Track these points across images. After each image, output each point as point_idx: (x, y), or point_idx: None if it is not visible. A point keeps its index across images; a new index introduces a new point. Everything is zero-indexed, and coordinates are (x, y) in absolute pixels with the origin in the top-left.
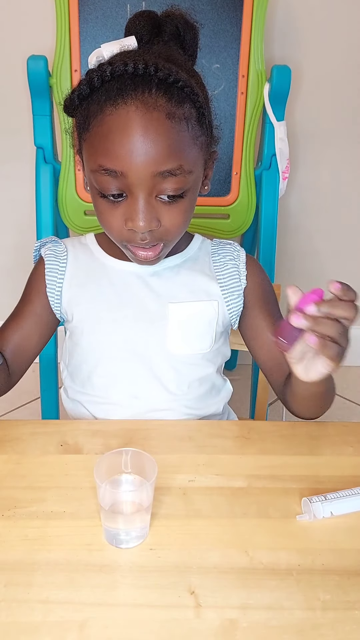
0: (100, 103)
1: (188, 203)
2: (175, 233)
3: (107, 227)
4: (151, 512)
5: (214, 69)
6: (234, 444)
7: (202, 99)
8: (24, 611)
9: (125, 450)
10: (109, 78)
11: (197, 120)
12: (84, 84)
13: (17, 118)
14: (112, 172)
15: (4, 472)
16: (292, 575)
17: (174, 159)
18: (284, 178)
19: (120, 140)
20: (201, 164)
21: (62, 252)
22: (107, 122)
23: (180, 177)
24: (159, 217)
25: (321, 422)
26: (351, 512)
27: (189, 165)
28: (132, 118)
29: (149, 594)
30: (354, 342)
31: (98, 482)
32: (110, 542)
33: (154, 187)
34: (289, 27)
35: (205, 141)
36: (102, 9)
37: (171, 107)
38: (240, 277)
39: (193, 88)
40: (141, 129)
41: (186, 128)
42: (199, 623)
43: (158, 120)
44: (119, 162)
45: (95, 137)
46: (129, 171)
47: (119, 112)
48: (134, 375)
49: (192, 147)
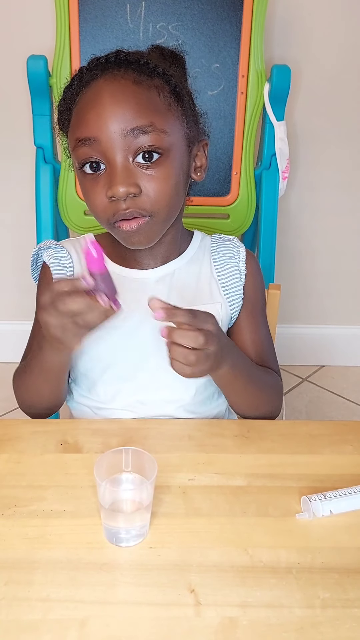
0: (77, 92)
1: (170, 170)
2: (160, 204)
3: (93, 207)
4: (151, 510)
5: (213, 68)
6: (233, 443)
7: (179, 81)
8: (25, 609)
9: (125, 449)
10: (84, 72)
11: (170, 92)
12: (66, 88)
13: (17, 118)
14: (86, 141)
15: (4, 471)
16: (292, 574)
17: (143, 116)
18: (284, 178)
19: (90, 109)
20: (181, 133)
21: (66, 258)
22: (81, 102)
23: (153, 135)
24: (139, 183)
25: (321, 421)
26: (350, 510)
27: (161, 125)
28: (100, 88)
29: (149, 592)
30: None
31: (98, 481)
32: (111, 540)
33: (129, 148)
34: (289, 27)
35: (184, 114)
36: (102, 9)
37: (139, 76)
38: (240, 276)
39: (166, 70)
40: (109, 94)
41: (156, 95)
42: (199, 621)
43: (125, 85)
44: (90, 128)
45: (74, 119)
46: (100, 134)
47: (90, 89)
48: (140, 382)
49: (166, 112)
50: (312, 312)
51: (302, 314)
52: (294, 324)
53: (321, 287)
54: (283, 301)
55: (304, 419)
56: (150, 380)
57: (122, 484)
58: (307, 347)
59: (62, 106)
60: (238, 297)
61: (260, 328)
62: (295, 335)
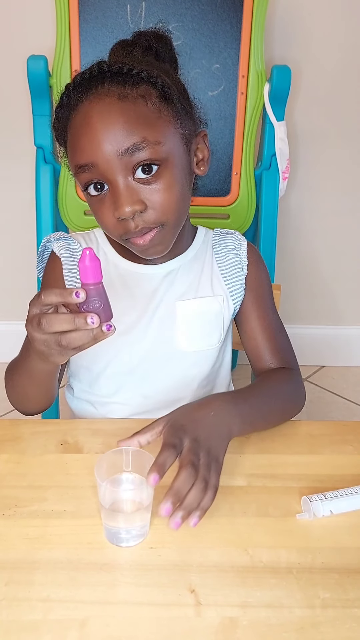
0: (68, 112)
1: (170, 179)
2: (168, 213)
3: (103, 226)
4: (151, 511)
5: (214, 69)
6: (233, 443)
7: (165, 81)
8: (25, 610)
9: (125, 449)
10: (71, 90)
11: (158, 96)
12: (57, 108)
13: (17, 118)
14: (85, 167)
15: (4, 472)
16: (292, 574)
17: (135, 133)
18: (284, 178)
19: (83, 135)
20: (176, 137)
21: (78, 251)
22: (73, 127)
23: (148, 149)
24: (143, 198)
25: (321, 421)
26: (351, 510)
27: (154, 137)
28: (88, 112)
29: (149, 592)
30: (354, 342)
31: (98, 481)
32: (111, 541)
33: (127, 168)
34: (289, 27)
35: (176, 115)
36: (102, 9)
37: (123, 89)
38: (242, 267)
39: (150, 72)
40: (97, 117)
41: (144, 103)
42: (199, 621)
43: (110, 104)
44: (86, 154)
45: (69, 142)
46: (97, 159)
47: (79, 113)
48: (143, 376)
49: (156, 120)
50: (312, 312)
51: (302, 314)
52: (294, 324)
53: (321, 287)
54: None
55: (304, 419)
56: (154, 374)
57: (122, 484)
58: (308, 347)
59: (57, 125)
60: (240, 287)
61: (268, 313)
62: (296, 335)
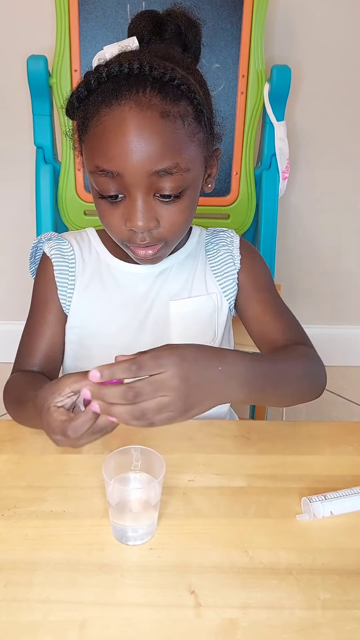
0: (97, 104)
1: (188, 202)
2: (176, 232)
3: (107, 227)
4: (159, 509)
5: (214, 68)
6: (233, 444)
7: (200, 96)
8: (24, 611)
9: (134, 447)
10: (104, 79)
11: (194, 117)
12: (82, 86)
13: (17, 118)
14: (108, 173)
15: (4, 472)
16: (292, 575)
17: (169, 157)
18: (284, 178)
19: (115, 141)
20: (200, 161)
21: (69, 251)
22: (103, 123)
23: (177, 176)
24: (158, 216)
25: (321, 422)
26: (351, 511)
27: (185, 163)
28: (126, 118)
29: (149, 593)
30: (354, 341)
31: (106, 479)
32: (119, 539)
33: (151, 187)
34: (289, 27)
35: (204, 138)
36: (102, 9)
37: (165, 105)
38: (234, 261)
39: (190, 85)
40: (135, 128)
41: (182, 125)
42: (199, 622)
43: (152, 119)
44: (114, 163)
45: (93, 138)
46: (124, 171)
47: (113, 112)
48: None
49: (189, 144)
50: (312, 312)
51: (302, 313)
52: None
53: (321, 287)
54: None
55: (304, 420)
56: None
57: (130, 482)
58: None
59: (78, 106)
60: (232, 283)
61: (269, 297)
62: None
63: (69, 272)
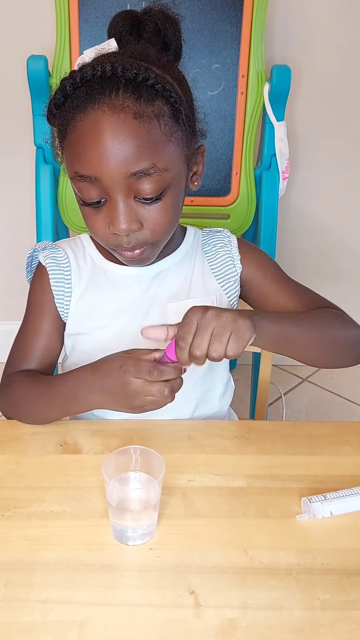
0: (72, 110)
1: (170, 202)
2: (161, 233)
3: (93, 232)
4: (159, 510)
5: (213, 69)
6: (233, 444)
7: (178, 94)
8: (24, 611)
9: (133, 447)
10: (79, 84)
11: (170, 116)
12: (58, 92)
13: (17, 118)
14: (87, 178)
15: (4, 472)
16: (292, 575)
17: (145, 158)
18: (284, 178)
19: (90, 145)
20: (181, 160)
21: (63, 259)
22: (79, 129)
23: (156, 176)
24: (140, 218)
25: (321, 422)
26: (351, 511)
27: (163, 164)
28: (100, 122)
29: (148, 593)
30: None
31: (106, 479)
32: (119, 539)
33: (130, 189)
34: (289, 27)
35: (184, 136)
36: (102, 9)
37: (139, 106)
38: (234, 263)
39: (165, 84)
40: (109, 131)
41: (157, 125)
42: (199, 623)
43: (125, 121)
44: (91, 167)
45: (71, 144)
46: (102, 175)
47: (88, 117)
48: None
49: (166, 144)
50: None
51: None
52: None
53: (322, 286)
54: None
55: (304, 420)
56: None
57: (129, 482)
58: None
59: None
60: (233, 283)
61: (282, 278)
62: None
63: (65, 280)
